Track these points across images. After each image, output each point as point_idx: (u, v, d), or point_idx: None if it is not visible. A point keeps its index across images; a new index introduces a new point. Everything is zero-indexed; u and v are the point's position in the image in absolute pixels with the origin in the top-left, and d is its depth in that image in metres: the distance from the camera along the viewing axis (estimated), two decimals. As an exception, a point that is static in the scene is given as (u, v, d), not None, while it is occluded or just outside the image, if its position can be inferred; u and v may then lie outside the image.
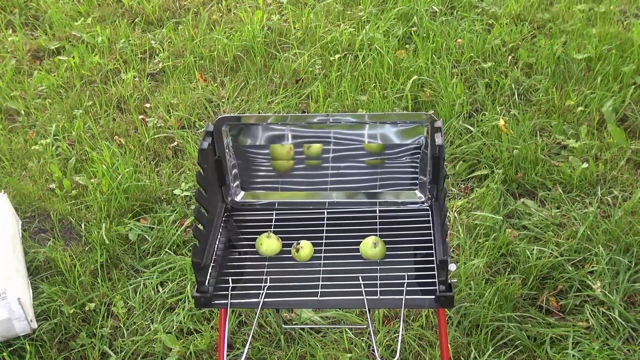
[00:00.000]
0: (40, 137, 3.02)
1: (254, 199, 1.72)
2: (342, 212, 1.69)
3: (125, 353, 2.11)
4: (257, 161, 1.67)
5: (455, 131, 2.85)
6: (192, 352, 2.07)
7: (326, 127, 1.60)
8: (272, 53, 3.47)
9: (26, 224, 2.62)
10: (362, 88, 3.15)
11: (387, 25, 3.51)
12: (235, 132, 1.61)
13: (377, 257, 1.55)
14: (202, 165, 1.54)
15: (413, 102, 3.03)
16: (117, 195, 2.60)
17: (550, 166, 2.67)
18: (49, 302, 2.25)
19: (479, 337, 2.05)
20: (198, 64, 3.43)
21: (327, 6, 3.78)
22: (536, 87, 3.08)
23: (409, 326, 2.12)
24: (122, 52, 3.56)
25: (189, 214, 2.56)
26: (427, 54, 3.25)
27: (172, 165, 2.83)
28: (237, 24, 3.70)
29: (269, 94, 3.19)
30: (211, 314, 2.19)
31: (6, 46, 3.68)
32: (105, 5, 4.01)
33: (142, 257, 2.44)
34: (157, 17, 3.86)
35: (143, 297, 2.27)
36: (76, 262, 2.37)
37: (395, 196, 1.69)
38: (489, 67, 3.17)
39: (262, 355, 2.07)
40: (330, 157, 1.65)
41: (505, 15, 3.57)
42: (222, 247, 1.59)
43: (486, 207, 2.48)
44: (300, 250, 1.56)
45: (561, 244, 2.33)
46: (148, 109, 3.18)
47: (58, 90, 3.32)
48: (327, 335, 2.11)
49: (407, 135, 1.59)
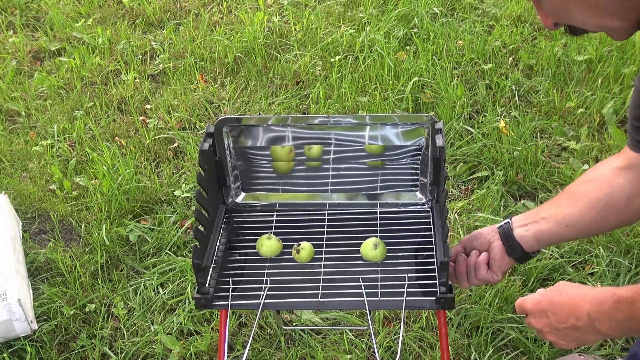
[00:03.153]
0: (40, 138, 3.02)
1: (254, 201, 1.72)
2: (342, 214, 1.69)
3: (125, 354, 2.11)
4: (257, 162, 1.67)
5: (455, 133, 2.85)
6: (193, 353, 2.07)
7: (327, 129, 1.60)
8: (272, 54, 3.47)
9: (26, 225, 2.62)
10: (363, 89, 3.15)
11: (388, 27, 3.51)
12: (236, 134, 1.61)
13: (377, 259, 1.55)
14: (202, 167, 1.54)
15: (414, 104, 3.03)
16: (117, 197, 2.60)
17: (550, 168, 2.67)
18: (49, 303, 2.25)
19: (479, 339, 2.05)
20: (199, 65, 3.44)
21: (328, 7, 3.78)
22: (537, 88, 3.08)
23: (409, 328, 2.11)
24: (123, 53, 3.56)
25: (190, 215, 2.56)
26: (427, 56, 3.25)
27: (173, 167, 2.84)
28: (238, 25, 3.70)
29: (270, 95, 3.19)
30: (211, 315, 2.19)
31: (7, 47, 3.68)
32: (106, 6, 4.01)
33: (143, 258, 2.44)
34: (157, 18, 3.86)
35: (143, 298, 2.27)
36: (76, 263, 2.37)
37: (396, 198, 1.69)
38: (490, 69, 3.18)
39: (262, 357, 2.07)
40: (331, 159, 1.65)
41: (506, 16, 3.57)
42: (222, 248, 1.59)
43: (487, 208, 2.48)
44: (301, 251, 1.56)
45: (561, 246, 2.33)
46: (149, 110, 3.19)
47: (59, 92, 3.32)
48: (327, 337, 2.11)
49: (408, 136, 1.59)
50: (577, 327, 1.21)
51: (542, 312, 1.27)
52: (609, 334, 1.19)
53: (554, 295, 1.26)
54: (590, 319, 1.18)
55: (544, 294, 1.28)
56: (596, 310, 1.17)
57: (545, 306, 1.26)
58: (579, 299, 1.21)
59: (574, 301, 1.22)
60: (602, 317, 1.17)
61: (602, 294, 1.18)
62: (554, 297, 1.26)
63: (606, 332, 1.18)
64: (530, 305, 1.29)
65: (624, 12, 0.98)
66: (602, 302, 1.17)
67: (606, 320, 1.16)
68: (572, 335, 1.24)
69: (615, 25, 1.01)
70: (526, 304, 1.30)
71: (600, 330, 1.18)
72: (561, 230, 1.41)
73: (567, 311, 1.23)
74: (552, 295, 1.26)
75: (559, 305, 1.24)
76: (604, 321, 1.16)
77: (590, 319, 1.18)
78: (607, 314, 1.16)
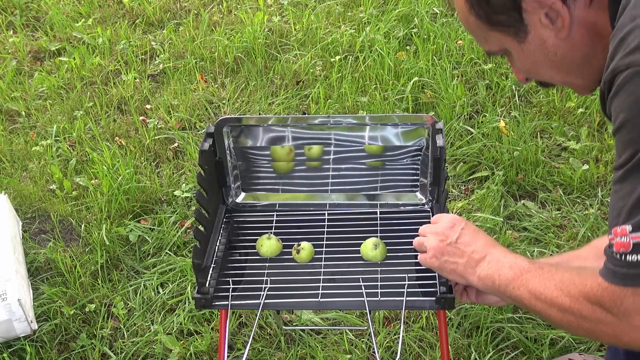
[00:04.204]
0: (40, 138, 3.02)
1: (254, 201, 1.72)
2: (342, 214, 1.69)
3: (125, 354, 2.11)
4: (257, 162, 1.67)
5: (455, 133, 2.85)
6: (193, 353, 2.07)
7: (327, 129, 1.59)
8: (272, 54, 3.47)
9: (26, 225, 2.62)
10: (363, 89, 3.15)
11: (388, 27, 3.51)
12: (236, 134, 1.61)
13: (377, 259, 1.55)
14: (202, 167, 1.54)
15: (414, 104, 3.03)
16: (117, 197, 2.60)
17: (550, 168, 2.67)
18: (49, 303, 2.25)
19: (479, 339, 2.05)
20: (199, 65, 3.43)
21: (328, 7, 3.78)
22: (537, 88, 3.08)
23: (409, 328, 2.11)
24: (123, 53, 3.56)
25: (190, 215, 2.56)
26: (427, 56, 3.25)
27: (173, 167, 2.84)
28: (238, 25, 3.70)
29: (270, 95, 3.19)
30: (211, 315, 2.19)
31: (7, 47, 3.68)
32: (106, 6, 4.01)
33: (143, 258, 2.44)
34: (157, 18, 3.87)
35: (143, 298, 2.27)
36: (76, 263, 2.37)
37: (396, 198, 1.69)
38: (490, 69, 3.18)
39: (262, 357, 2.07)
40: (331, 159, 1.65)
41: (506, 16, 3.57)
42: (222, 248, 1.59)
43: (487, 208, 2.48)
44: (301, 251, 1.56)
45: (562, 246, 2.33)
46: (149, 110, 3.19)
47: (59, 92, 3.32)
48: (327, 337, 2.11)
49: (408, 137, 1.59)
50: (469, 256, 1.24)
51: (452, 228, 1.29)
52: (475, 283, 1.23)
53: (472, 227, 1.29)
54: (485, 260, 1.22)
55: (466, 220, 1.31)
56: (496, 255, 1.21)
57: (458, 223, 1.29)
58: (491, 242, 1.25)
59: (486, 238, 1.26)
60: (490, 262, 1.21)
61: (512, 255, 1.20)
62: (471, 227, 1.28)
63: (478, 278, 1.22)
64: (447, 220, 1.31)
65: (585, 72, 1.10)
66: (505, 253, 1.21)
67: (490, 267, 1.20)
68: (455, 262, 1.26)
69: (579, 82, 1.14)
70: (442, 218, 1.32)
71: (475, 274, 1.23)
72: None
73: (473, 238, 1.26)
74: (471, 226, 1.29)
75: (473, 231, 1.27)
76: (486, 267, 1.21)
77: (484, 259, 1.22)
78: (496, 263, 1.19)
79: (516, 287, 1.14)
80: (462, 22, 1.16)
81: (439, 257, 1.28)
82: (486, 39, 1.14)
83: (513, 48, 1.12)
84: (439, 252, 1.28)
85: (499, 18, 1.07)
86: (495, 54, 1.18)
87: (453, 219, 1.30)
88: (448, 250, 1.27)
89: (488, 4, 1.06)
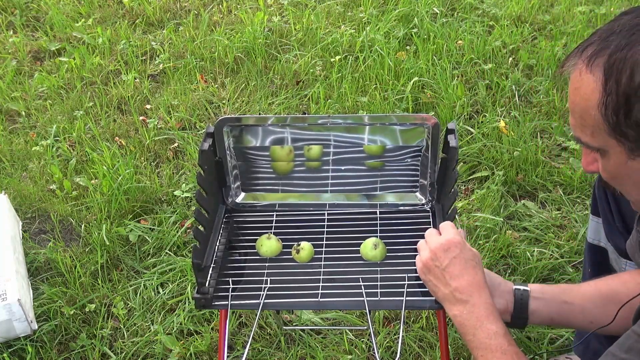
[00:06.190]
0: (40, 138, 3.02)
1: (254, 201, 1.73)
2: (342, 214, 1.69)
3: (125, 354, 2.11)
4: (257, 163, 1.67)
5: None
6: (192, 353, 2.07)
7: (326, 129, 1.60)
8: (272, 54, 3.47)
9: (26, 225, 2.62)
10: (363, 89, 3.15)
11: (388, 27, 3.51)
12: (236, 134, 1.61)
13: (377, 259, 1.55)
14: (202, 167, 1.54)
15: (414, 104, 3.03)
16: (117, 197, 2.60)
17: (550, 168, 2.67)
18: (49, 303, 2.25)
19: (479, 339, 2.05)
20: (199, 65, 3.44)
21: (328, 7, 3.78)
22: (537, 88, 3.08)
23: (409, 328, 2.11)
24: (123, 53, 3.56)
25: (190, 215, 2.56)
26: (427, 56, 3.25)
27: (173, 167, 2.84)
28: (238, 25, 3.70)
29: (270, 96, 3.19)
30: (211, 315, 2.19)
31: (7, 47, 3.68)
32: (106, 6, 4.01)
33: (143, 258, 2.44)
34: (157, 18, 3.87)
35: (143, 298, 2.27)
36: (76, 263, 2.37)
37: (396, 198, 1.69)
38: (490, 69, 3.18)
39: (262, 357, 2.07)
40: (331, 159, 1.65)
41: (506, 16, 3.57)
42: (222, 248, 1.59)
43: (487, 208, 2.48)
44: (301, 251, 1.56)
45: (562, 246, 2.33)
46: (149, 110, 3.19)
47: (59, 92, 3.32)
48: (327, 337, 2.11)
49: (408, 137, 1.59)
50: (451, 291, 1.27)
51: (446, 251, 1.30)
52: (450, 316, 1.28)
53: (464, 258, 1.29)
54: (465, 305, 1.25)
55: (464, 245, 1.31)
56: (477, 308, 1.24)
57: (453, 249, 1.30)
58: (477, 283, 1.27)
59: (473, 276, 1.27)
60: (471, 313, 1.24)
61: (493, 317, 1.23)
62: (463, 257, 1.29)
63: (453, 315, 1.27)
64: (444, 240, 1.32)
65: None
66: (487, 309, 1.24)
67: (469, 317, 1.24)
68: (437, 287, 1.30)
69: None
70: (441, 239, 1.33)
71: (452, 310, 1.28)
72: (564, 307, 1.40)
73: (460, 272, 1.27)
74: (463, 257, 1.29)
75: (464, 263, 1.28)
76: (466, 314, 1.24)
77: (465, 304, 1.25)
78: (476, 320, 1.23)
79: (482, 356, 1.20)
80: (575, 103, 1.06)
81: (426, 273, 1.33)
82: (594, 135, 1.04)
83: (617, 156, 1.04)
84: (426, 269, 1.32)
85: (627, 131, 0.99)
86: (586, 147, 1.09)
87: (450, 242, 1.31)
88: (435, 273, 1.31)
89: (627, 117, 0.97)
